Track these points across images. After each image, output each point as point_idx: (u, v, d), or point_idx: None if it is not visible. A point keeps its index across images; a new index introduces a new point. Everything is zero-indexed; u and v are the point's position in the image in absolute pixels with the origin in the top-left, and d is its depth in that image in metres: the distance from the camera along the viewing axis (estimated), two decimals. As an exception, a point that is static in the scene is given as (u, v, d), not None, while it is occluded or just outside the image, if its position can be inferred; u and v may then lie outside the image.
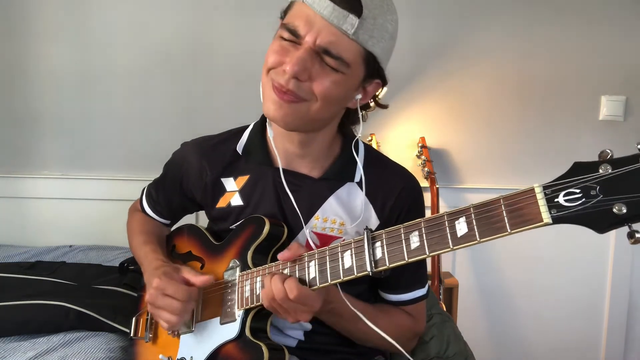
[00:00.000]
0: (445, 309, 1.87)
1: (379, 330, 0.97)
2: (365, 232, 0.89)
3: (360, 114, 1.09)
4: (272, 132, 1.13)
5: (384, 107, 1.16)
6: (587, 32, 2.21)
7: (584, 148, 2.28)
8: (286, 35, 0.96)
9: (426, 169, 2.16)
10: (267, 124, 1.17)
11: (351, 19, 0.92)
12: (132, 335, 1.26)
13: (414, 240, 0.82)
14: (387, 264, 0.85)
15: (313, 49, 0.94)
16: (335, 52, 0.94)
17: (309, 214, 1.11)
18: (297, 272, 0.97)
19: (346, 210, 1.12)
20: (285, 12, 1.02)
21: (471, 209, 0.77)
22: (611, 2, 2.19)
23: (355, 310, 1.00)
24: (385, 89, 1.98)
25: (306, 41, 0.94)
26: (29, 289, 1.57)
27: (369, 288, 1.19)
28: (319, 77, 0.96)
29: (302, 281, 0.95)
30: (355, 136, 1.16)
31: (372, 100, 1.13)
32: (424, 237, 0.81)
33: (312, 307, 0.95)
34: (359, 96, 1.05)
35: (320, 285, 0.93)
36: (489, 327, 2.40)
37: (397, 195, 1.13)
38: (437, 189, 2.13)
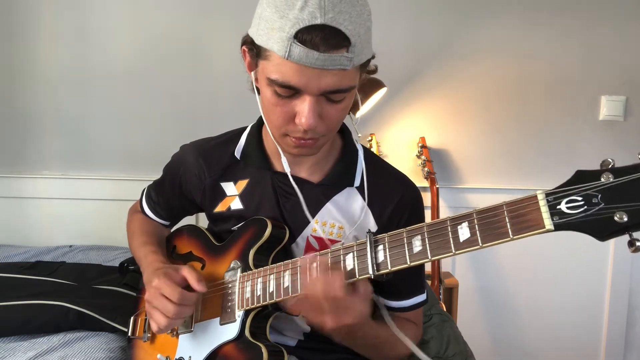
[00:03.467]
0: (445, 309, 1.87)
1: (418, 351, 0.97)
2: (368, 236, 0.88)
3: (358, 97, 1.07)
4: (280, 151, 1.09)
5: (374, 71, 1.11)
6: (587, 32, 2.21)
7: (584, 148, 2.28)
8: (280, 90, 0.91)
9: (426, 169, 2.16)
10: (263, 128, 1.17)
11: (345, 55, 0.87)
12: (130, 334, 1.26)
13: (417, 245, 0.82)
14: (390, 268, 0.85)
15: (318, 95, 0.91)
16: (343, 87, 0.91)
17: (308, 219, 1.10)
18: (298, 273, 0.97)
19: (344, 215, 1.11)
20: (256, 54, 0.95)
21: (474, 214, 0.77)
22: (611, 2, 2.19)
23: (400, 334, 0.98)
24: (385, 89, 2.00)
25: (309, 91, 0.90)
26: (29, 289, 1.57)
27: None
28: (330, 112, 0.94)
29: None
30: (356, 140, 1.17)
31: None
32: (427, 242, 0.81)
33: (361, 312, 0.91)
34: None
35: (360, 277, 0.89)
36: (489, 327, 2.40)
37: (396, 202, 1.12)
38: (437, 189, 2.13)
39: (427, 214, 2.08)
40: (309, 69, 0.87)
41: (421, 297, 1.18)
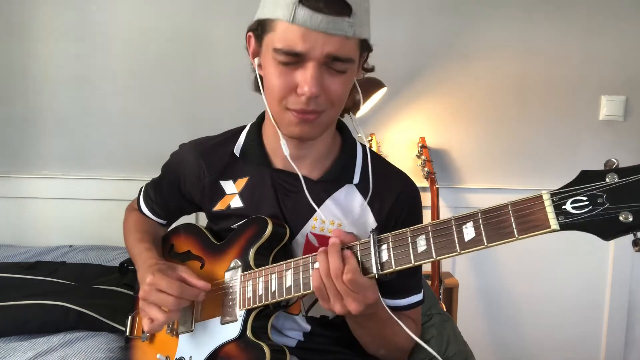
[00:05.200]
0: (445, 309, 1.87)
1: (417, 339, 0.97)
2: (372, 235, 0.89)
3: (359, 91, 1.09)
4: (280, 134, 1.10)
5: (371, 70, 1.13)
6: (587, 32, 2.21)
7: (584, 148, 2.28)
8: (284, 58, 0.94)
9: (426, 169, 2.16)
10: (263, 125, 1.17)
11: (347, 20, 0.91)
12: (127, 334, 1.26)
13: (421, 244, 0.83)
14: (394, 267, 0.85)
15: (320, 62, 0.93)
16: (344, 56, 0.94)
17: (308, 215, 1.11)
18: (301, 272, 0.97)
19: (344, 212, 1.11)
20: (261, 31, 0.98)
21: (479, 214, 0.77)
22: (611, 2, 2.19)
23: (394, 317, 0.97)
24: (385, 89, 1.99)
25: (313, 57, 0.92)
26: (29, 289, 1.57)
27: None
28: (331, 85, 0.96)
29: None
30: (355, 138, 1.17)
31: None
32: (431, 241, 0.82)
33: (367, 299, 0.91)
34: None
35: (386, 271, 0.88)
36: (489, 327, 2.40)
37: (395, 199, 1.12)
38: (437, 189, 2.13)
39: (427, 214, 2.08)
40: (313, 33, 0.91)
41: (417, 297, 1.18)
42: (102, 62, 2.18)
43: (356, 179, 1.13)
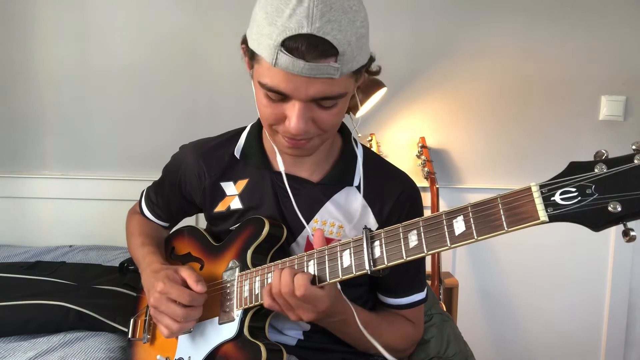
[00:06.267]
0: (445, 309, 1.87)
1: (378, 345, 0.95)
2: (364, 232, 0.88)
3: (357, 99, 1.07)
4: (275, 149, 1.11)
5: (376, 73, 1.11)
6: (587, 32, 2.21)
7: (584, 148, 2.28)
8: (271, 95, 0.92)
9: (426, 169, 2.16)
10: (263, 128, 1.17)
11: (332, 65, 0.86)
12: (130, 336, 1.26)
13: (412, 239, 0.82)
14: (386, 263, 0.85)
15: (307, 101, 0.91)
16: (332, 94, 0.91)
17: (308, 218, 1.11)
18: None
19: (344, 214, 1.12)
20: (251, 58, 0.95)
21: (469, 207, 0.77)
22: (611, 2, 2.19)
23: (363, 329, 0.97)
24: (385, 89, 1.99)
25: (297, 98, 0.90)
26: (29, 289, 1.58)
27: (369, 290, 1.20)
28: (321, 117, 0.94)
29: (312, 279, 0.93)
30: (355, 140, 1.17)
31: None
32: (422, 236, 0.81)
33: (317, 308, 0.93)
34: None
35: (331, 281, 0.91)
36: (489, 327, 2.40)
37: (395, 199, 1.13)
38: (437, 189, 2.13)
39: (427, 214, 2.08)
40: (296, 77, 0.87)
41: (420, 295, 1.18)
42: (102, 62, 2.18)
43: (356, 182, 1.13)
